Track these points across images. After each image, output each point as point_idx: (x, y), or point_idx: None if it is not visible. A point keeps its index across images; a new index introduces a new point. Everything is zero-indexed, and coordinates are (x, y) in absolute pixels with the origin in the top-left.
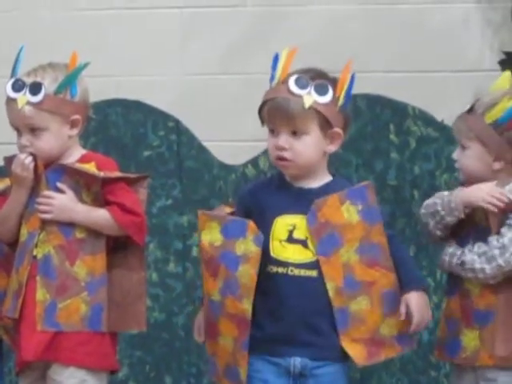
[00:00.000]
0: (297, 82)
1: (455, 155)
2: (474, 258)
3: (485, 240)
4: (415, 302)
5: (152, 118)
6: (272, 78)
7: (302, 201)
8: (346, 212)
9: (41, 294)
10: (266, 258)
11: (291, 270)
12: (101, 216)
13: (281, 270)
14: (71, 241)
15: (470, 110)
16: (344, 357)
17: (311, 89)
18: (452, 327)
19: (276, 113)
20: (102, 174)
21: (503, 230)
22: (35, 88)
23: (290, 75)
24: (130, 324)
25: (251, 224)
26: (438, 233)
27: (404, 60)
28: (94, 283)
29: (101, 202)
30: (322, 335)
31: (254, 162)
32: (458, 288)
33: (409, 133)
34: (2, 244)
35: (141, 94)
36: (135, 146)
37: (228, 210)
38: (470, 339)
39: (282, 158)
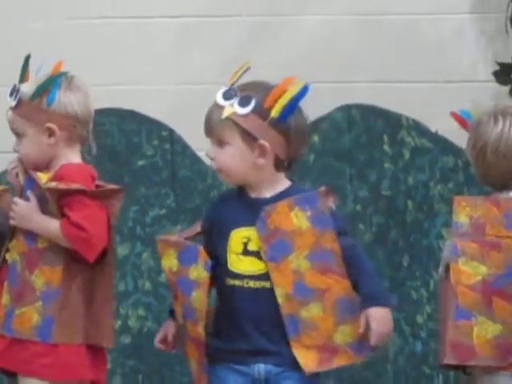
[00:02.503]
0: (224, 93)
1: None
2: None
3: None
4: (374, 316)
5: (146, 128)
6: None
7: (256, 212)
8: (295, 218)
9: (5, 299)
10: (224, 271)
11: (247, 283)
12: (54, 227)
13: (237, 282)
14: (32, 249)
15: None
16: None
17: (235, 100)
18: None
19: (204, 123)
20: (52, 184)
21: None
22: (14, 93)
23: (223, 87)
24: (97, 339)
25: (201, 250)
26: None
27: (397, 70)
28: (49, 294)
29: (62, 213)
30: (278, 344)
31: None
32: None
33: (402, 143)
34: None
35: (135, 104)
36: (129, 155)
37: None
38: None
39: (216, 168)
